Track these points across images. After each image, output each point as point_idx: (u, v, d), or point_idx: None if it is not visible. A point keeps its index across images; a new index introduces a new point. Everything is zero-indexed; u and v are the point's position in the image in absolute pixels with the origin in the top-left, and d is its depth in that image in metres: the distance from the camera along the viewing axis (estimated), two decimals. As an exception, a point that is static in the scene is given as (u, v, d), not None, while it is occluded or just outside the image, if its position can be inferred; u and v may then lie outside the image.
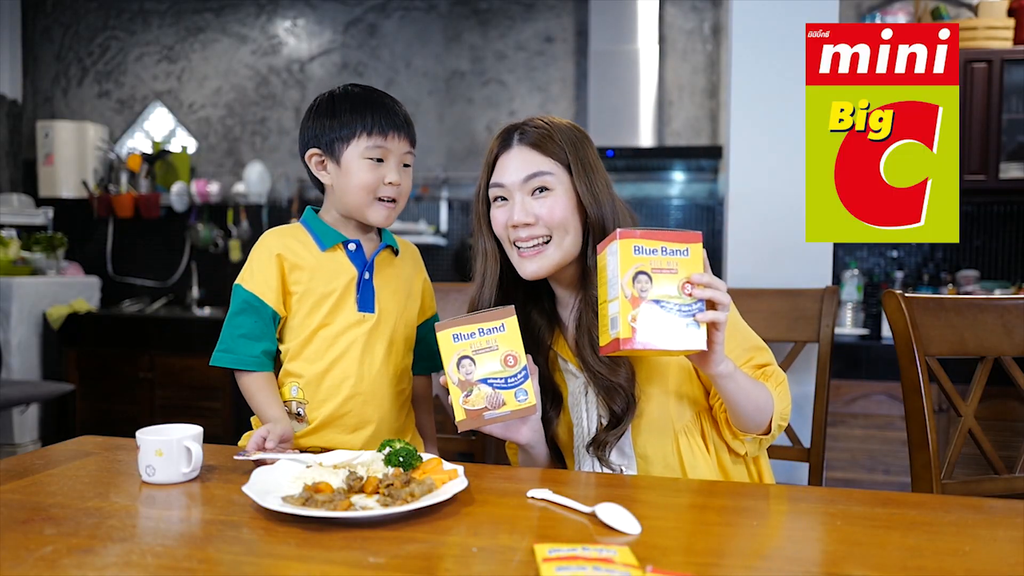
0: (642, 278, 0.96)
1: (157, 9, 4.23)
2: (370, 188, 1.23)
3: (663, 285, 0.97)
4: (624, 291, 0.96)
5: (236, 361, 1.22)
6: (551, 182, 1.17)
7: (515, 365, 1.05)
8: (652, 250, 0.97)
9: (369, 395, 1.26)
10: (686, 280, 0.97)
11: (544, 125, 1.20)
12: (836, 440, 2.83)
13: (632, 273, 0.96)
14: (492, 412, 1.05)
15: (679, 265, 0.97)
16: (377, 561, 0.74)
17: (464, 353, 1.04)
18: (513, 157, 1.19)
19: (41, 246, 3.89)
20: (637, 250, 0.96)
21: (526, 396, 1.05)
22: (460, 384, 1.05)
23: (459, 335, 1.04)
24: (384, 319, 1.28)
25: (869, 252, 3.55)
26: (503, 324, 1.05)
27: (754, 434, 1.16)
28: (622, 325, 0.96)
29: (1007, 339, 1.30)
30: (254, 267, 1.25)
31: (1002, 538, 0.83)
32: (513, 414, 1.05)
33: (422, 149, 3.91)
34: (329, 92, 1.28)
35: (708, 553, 0.81)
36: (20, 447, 3.57)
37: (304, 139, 1.28)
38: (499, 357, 1.05)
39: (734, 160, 2.14)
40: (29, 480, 1.00)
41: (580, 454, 1.24)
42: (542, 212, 1.16)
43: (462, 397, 1.05)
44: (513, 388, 1.05)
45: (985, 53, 3.16)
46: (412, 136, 1.28)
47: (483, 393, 1.04)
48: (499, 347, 1.05)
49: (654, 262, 0.97)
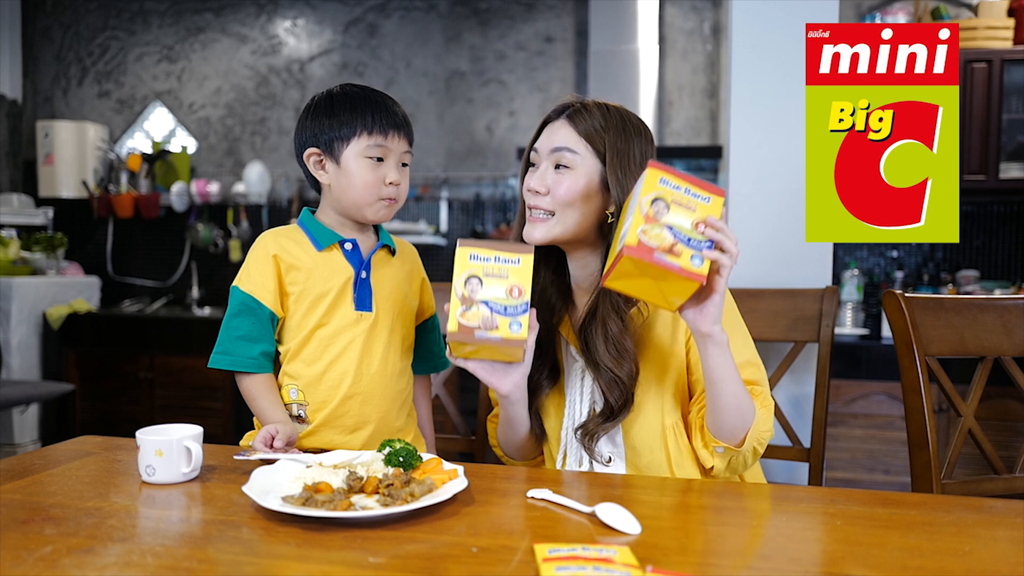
0: (660, 204, 1.00)
1: (157, 9, 4.23)
2: (370, 187, 1.23)
3: (679, 216, 1.00)
4: (641, 208, 0.99)
5: (234, 363, 1.22)
6: (574, 161, 1.19)
7: (518, 297, 1.06)
8: (677, 186, 1.01)
9: (367, 394, 1.25)
10: (701, 220, 1.00)
11: (595, 110, 1.21)
12: (836, 440, 2.83)
13: (652, 196, 1.00)
14: (483, 332, 1.05)
15: (699, 207, 1.01)
16: (377, 561, 0.74)
17: (475, 272, 1.06)
18: (555, 128, 1.22)
19: (41, 246, 3.89)
20: (663, 181, 1.00)
21: (520, 328, 1.06)
22: (462, 299, 1.06)
23: (476, 255, 1.06)
24: (382, 318, 1.28)
25: (869, 252, 3.55)
26: (519, 259, 1.07)
27: (725, 443, 1.13)
28: (630, 235, 0.99)
29: (1007, 339, 1.30)
30: (251, 268, 1.25)
31: (1002, 538, 0.83)
32: (503, 341, 1.06)
33: (422, 149, 3.91)
34: (327, 92, 1.28)
35: (708, 553, 0.81)
36: (20, 447, 3.57)
37: (302, 139, 1.27)
38: (506, 286, 1.06)
39: (734, 160, 2.14)
40: (29, 480, 1.00)
41: (568, 436, 1.24)
42: (554, 186, 1.19)
43: (460, 310, 1.06)
44: (510, 317, 1.06)
45: (985, 53, 3.16)
46: (411, 136, 1.28)
47: (481, 313, 1.05)
48: (509, 276, 1.06)
49: (676, 196, 1.00)
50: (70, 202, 4.21)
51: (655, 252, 0.98)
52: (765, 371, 1.22)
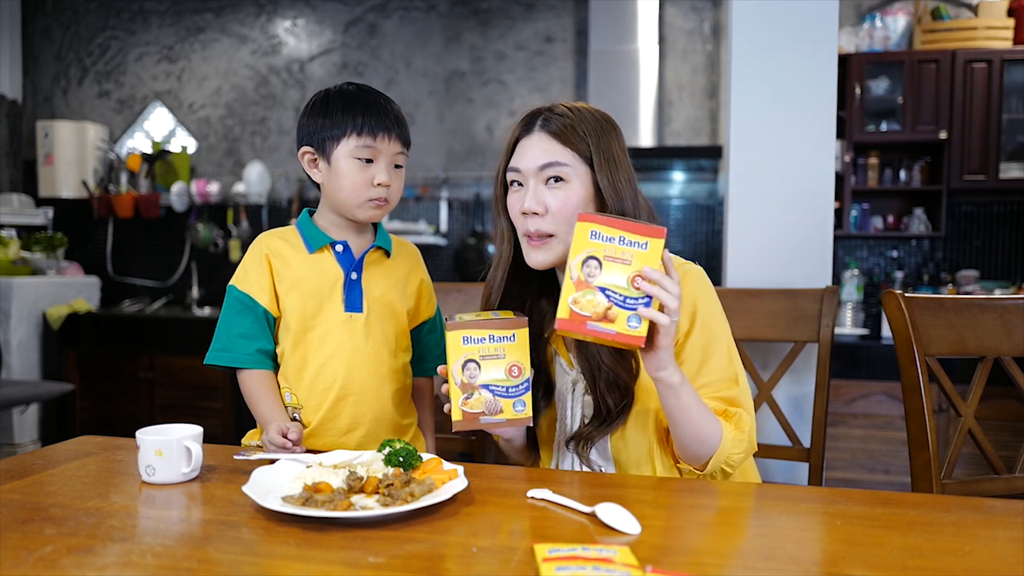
0: (592, 263, 0.96)
1: (157, 9, 4.23)
2: (358, 188, 1.22)
3: (612, 274, 0.96)
4: (571, 274, 0.97)
5: (233, 359, 1.23)
6: (567, 173, 1.13)
7: (519, 376, 1.06)
8: (610, 237, 0.96)
9: (360, 395, 1.25)
10: (637, 273, 0.96)
11: (568, 113, 1.15)
12: (836, 440, 2.83)
13: (583, 257, 0.96)
14: (488, 418, 1.05)
15: (635, 257, 0.96)
16: (377, 561, 0.74)
17: (471, 356, 1.04)
18: (533, 144, 1.15)
19: (41, 246, 3.89)
20: (594, 235, 0.97)
21: (524, 408, 1.06)
22: (462, 386, 1.05)
23: (469, 338, 1.04)
24: (373, 318, 1.27)
25: (869, 252, 3.55)
26: (514, 335, 1.05)
27: (688, 465, 1.12)
28: (561, 306, 0.97)
29: (1007, 339, 1.30)
30: (248, 268, 1.26)
31: (1002, 538, 0.83)
32: (508, 423, 1.06)
33: (422, 149, 3.91)
34: (326, 90, 1.28)
35: (708, 553, 0.81)
36: (20, 447, 3.57)
37: (299, 136, 1.28)
38: (504, 366, 1.05)
39: (734, 160, 2.14)
40: (29, 480, 1.00)
41: (560, 450, 1.24)
42: (553, 203, 1.13)
43: (462, 399, 1.05)
44: (513, 398, 1.06)
45: (985, 53, 3.16)
46: (405, 137, 1.26)
47: (483, 398, 1.05)
48: (506, 356, 1.05)
49: (609, 250, 0.96)
50: (70, 202, 4.21)
51: (587, 322, 0.96)
52: (748, 387, 1.18)
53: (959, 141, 3.19)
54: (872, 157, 3.38)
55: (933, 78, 3.19)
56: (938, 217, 3.31)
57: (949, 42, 3.23)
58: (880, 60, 3.26)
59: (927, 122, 3.21)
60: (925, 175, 3.35)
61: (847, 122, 3.23)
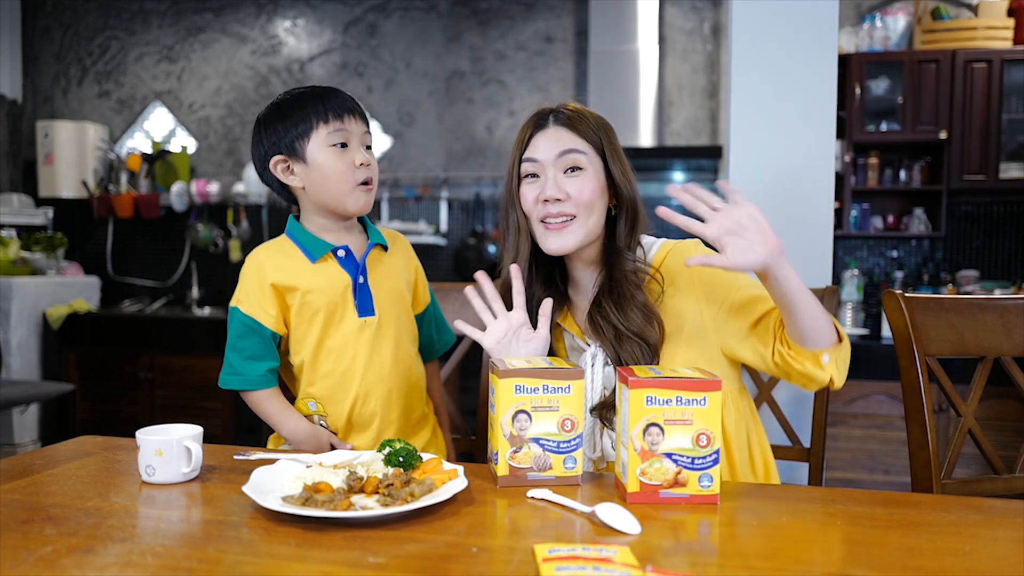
0: (653, 430, 0.93)
1: (157, 9, 4.23)
2: (343, 175, 1.22)
3: (675, 437, 0.93)
4: (633, 445, 0.93)
5: (245, 382, 1.25)
6: (583, 161, 1.19)
7: (572, 431, 0.99)
8: (666, 400, 0.93)
9: (384, 396, 1.28)
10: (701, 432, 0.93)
11: (578, 109, 1.23)
12: (836, 440, 2.83)
13: (643, 425, 0.93)
14: (535, 475, 0.99)
15: (695, 416, 0.93)
16: (377, 561, 0.74)
17: (522, 407, 0.98)
18: (549, 136, 1.20)
19: (41, 246, 3.89)
20: (649, 400, 0.92)
21: (574, 464, 1.00)
22: (511, 439, 0.99)
23: (522, 387, 0.98)
24: (385, 319, 1.28)
25: (869, 252, 3.55)
26: (569, 386, 0.99)
27: (827, 348, 1.13)
28: (630, 479, 0.93)
29: (1007, 339, 1.30)
30: (248, 289, 1.25)
31: (1002, 538, 0.83)
32: (557, 480, 0.99)
33: (422, 149, 3.91)
34: (270, 103, 1.28)
35: (708, 553, 0.81)
36: (20, 447, 3.57)
37: (261, 152, 1.26)
38: (557, 419, 0.99)
39: (734, 160, 2.14)
40: (29, 480, 1.00)
41: None
42: (573, 190, 1.18)
43: (510, 452, 0.99)
44: (564, 454, 0.99)
45: (985, 53, 3.16)
46: (365, 118, 1.28)
47: (532, 453, 0.99)
48: (560, 408, 0.99)
49: (668, 413, 0.93)
50: (70, 202, 4.21)
51: (659, 491, 0.93)
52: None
53: (959, 141, 3.19)
54: (872, 157, 3.38)
55: (933, 78, 3.19)
56: (938, 217, 3.31)
57: (949, 42, 3.23)
58: (880, 60, 3.26)
59: (927, 122, 3.21)
60: (925, 175, 3.35)
61: (847, 122, 3.23)
